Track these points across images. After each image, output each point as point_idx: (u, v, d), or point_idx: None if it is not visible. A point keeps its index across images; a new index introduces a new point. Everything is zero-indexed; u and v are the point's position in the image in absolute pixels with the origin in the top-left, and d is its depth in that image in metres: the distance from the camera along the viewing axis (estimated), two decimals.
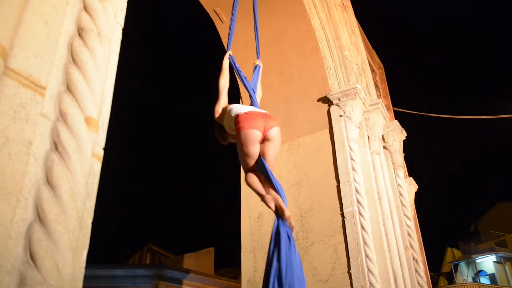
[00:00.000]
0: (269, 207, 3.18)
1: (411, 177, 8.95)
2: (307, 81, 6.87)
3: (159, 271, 14.30)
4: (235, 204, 7.01)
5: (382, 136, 7.03)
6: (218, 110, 3.77)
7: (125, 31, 1.59)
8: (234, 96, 7.02)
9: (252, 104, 3.91)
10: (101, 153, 1.38)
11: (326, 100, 6.54)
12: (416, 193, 9.05)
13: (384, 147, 7.16)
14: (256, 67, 4.29)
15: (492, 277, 27.79)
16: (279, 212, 3.08)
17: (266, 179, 3.23)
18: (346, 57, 6.84)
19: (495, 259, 27.97)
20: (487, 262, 28.37)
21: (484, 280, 27.28)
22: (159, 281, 14.13)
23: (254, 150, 3.27)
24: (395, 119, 8.09)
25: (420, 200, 9.28)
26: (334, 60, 6.78)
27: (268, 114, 3.45)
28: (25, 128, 1.15)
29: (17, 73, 1.16)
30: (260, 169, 3.27)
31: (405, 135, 7.63)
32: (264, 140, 3.30)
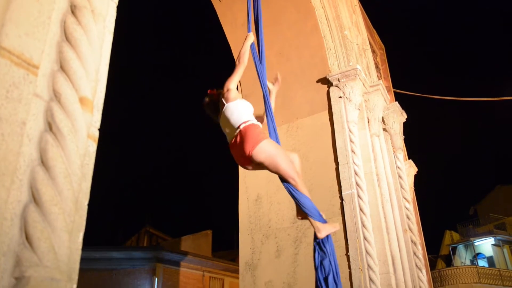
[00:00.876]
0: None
1: (410, 160, 8.94)
2: (307, 62, 6.79)
3: (157, 253, 14.43)
4: (233, 187, 7.03)
5: (382, 118, 6.99)
6: (229, 95, 3.13)
7: (119, 9, 1.55)
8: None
9: (264, 97, 3.50)
10: (96, 134, 1.37)
11: (325, 81, 6.48)
12: (415, 175, 9.06)
13: (384, 129, 7.13)
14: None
15: (490, 260, 27.97)
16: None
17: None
18: (347, 37, 6.75)
19: (493, 242, 28.11)
20: (486, 245, 28.52)
21: (482, 263, 27.48)
22: (157, 263, 14.27)
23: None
24: (396, 101, 8.03)
25: (419, 182, 9.29)
26: (334, 40, 6.69)
27: (242, 131, 2.96)
28: (18, 108, 1.13)
29: (9, 51, 1.14)
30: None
31: (405, 117, 7.60)
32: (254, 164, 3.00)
